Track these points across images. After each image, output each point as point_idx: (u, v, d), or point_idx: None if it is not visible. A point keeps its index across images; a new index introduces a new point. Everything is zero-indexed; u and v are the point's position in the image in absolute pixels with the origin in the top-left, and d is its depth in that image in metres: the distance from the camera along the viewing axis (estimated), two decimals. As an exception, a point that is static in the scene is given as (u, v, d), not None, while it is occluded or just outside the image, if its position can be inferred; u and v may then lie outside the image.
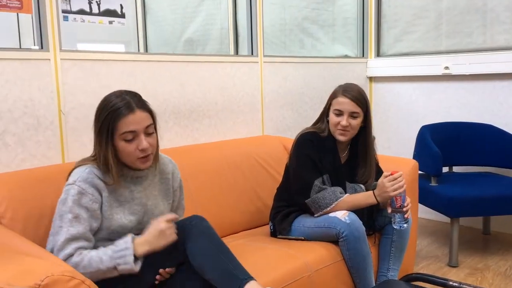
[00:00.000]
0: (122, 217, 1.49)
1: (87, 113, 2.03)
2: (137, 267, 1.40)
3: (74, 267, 1.34)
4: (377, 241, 2.19)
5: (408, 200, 1.96)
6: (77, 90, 2.05)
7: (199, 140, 2.56)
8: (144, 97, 1.52)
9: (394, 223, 1.95)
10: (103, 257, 1.37)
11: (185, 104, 2.49)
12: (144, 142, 1.45)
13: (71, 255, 1.37)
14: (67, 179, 1.50)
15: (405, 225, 1.95)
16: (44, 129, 1.95)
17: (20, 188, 1.68)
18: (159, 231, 1.43)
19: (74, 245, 1.38)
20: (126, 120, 1.42)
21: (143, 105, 1.47)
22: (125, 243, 1.40)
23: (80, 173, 1.45)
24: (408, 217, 1.97)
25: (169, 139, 2.42)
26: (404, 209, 1.93)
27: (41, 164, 1.95)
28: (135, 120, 1.43)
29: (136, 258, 1.40)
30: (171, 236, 1.43)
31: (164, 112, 2.40)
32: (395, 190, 1.92)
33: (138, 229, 1.54)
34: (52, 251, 1.38)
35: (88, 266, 1.36)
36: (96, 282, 1.29)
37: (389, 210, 1.96)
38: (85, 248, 1.41)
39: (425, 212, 3.61)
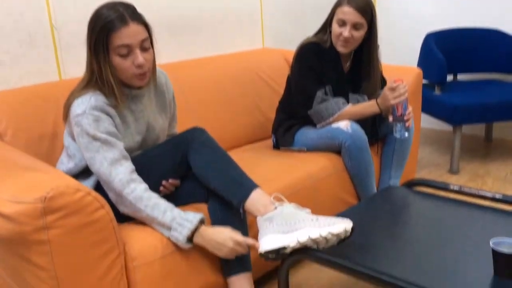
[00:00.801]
0: (131, 139, 1.47)
1: (81, 29, 1.96)
2: (186, 245, 1.36)
3: (137, 200, 1.33)
4: (379, 151, 2.21)
5: (409, 109, 1.94)
6: (68, 3, 1.96)
7: (196, 54, 2.49)
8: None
9: (395, 132, 1.94)
10: (169, 212, 1.34)
11: (181, 17, 2.40)
12: (140, 57, 1.38)
13: (131, 181, 1.34)
14: (65, 113, 1.43)
15: (406, 134, 1.95)
16: (38, 45, 1.90)
17: (20, 105, 1.66)
18: (227, 247, 1.36)
19: (122, 168, 1.34)
20: (120, 33, 1.34)
21: (137, 17, 1.39)
22: (195, 217, 1.35)
23: (86, 102, 1.36)
24: (410, 126, 1.96)
25: (165, 53, 2.36)
26: (405, 117, 1.91)
27: (39, 81, 1.92)
28: (129, 33, 1.36)
29: (189, 239, 1.36)
30: (227, 255, 1.38)
31: (159, 25, 2.31)
32: (395, 98, 1.89)
33: (141, 148, 1.53)
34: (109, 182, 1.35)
35: (150, 208, 1.33)
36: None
37: (390, 119, 1.95)
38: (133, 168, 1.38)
39: (428, 122, 3.60)
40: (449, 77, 3.25)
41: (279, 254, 1.31)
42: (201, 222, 1.37)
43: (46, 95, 1.73)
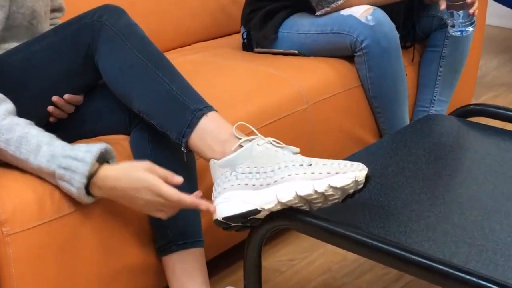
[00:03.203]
0: None
1: None
2: (85, 199, 1.35)
3: None
4: (417, 58, 2.22)
5: None
6: None
7: None
8: None
9: (453, 26, 1.95)
10: (44, 147, 1.32)
11: None
12: None
13: None
14: None
15: (470, 28, 1.95)
16: None
17: None
18: (142, 199, 1.33)
19: None
20: None
21: None
22: (89, 152, 1.32)
23: None
24: (475, 15, 1.96)
25: None
26: (468, 0, 1.89)
27: None
28: None
29: (88, 190, 1.34)
30: (147, 210, 1.37)
31: None
32: None
33: (7, 39, 1.51)
34: None
35: (14, 144, 1.31)
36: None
37: (443, 6, 1.96)
38: None
39: (497, 16, 3.59)
40: None
41: (247, 221, 1.32)
42: (101, 159, 1.35)
43: None
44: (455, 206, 1.35)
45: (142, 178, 1.32)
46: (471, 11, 1.92)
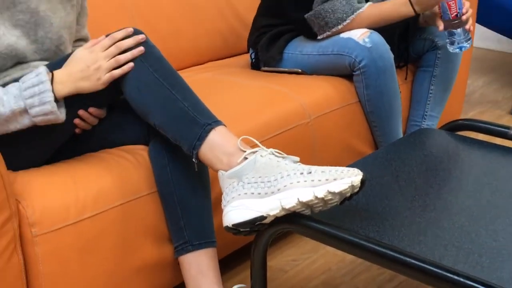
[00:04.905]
0: (6, 32, 1.43)
1: None
2: (61, 113, 1.38)
3: None
4: (410, 77, 2.21)
5: (467, 4, 1.91)
6: None
7: None
8: None
9: (452, 44, 1.94)
10: (4, 97, 1.34)
11: None
12: None
13: None
14: None
15: (468, 44, 1.93)
16: None
17: None
18: (83, 66, 1.38)
19: None
20: None
21: None
22: (37, 75, 1.35)
23: None
24: (472, 31, 1.94)
25: None
26: (464, 17, 1.88)
27: None
28: None
29: (57, 101, 1.36)
30: (99, 79, 1.39)
31: None
32: None
33: (38, 53, 1.51)
34: None
35: None
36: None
37: (441, 27, 1.94)
38: None
39: (483, 39, 3.59)
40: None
41: (254, 226, 1.31)
42: (48, 73, 1.39)
43: None
44: (444, 213, 1.35)
45: (80, 49, 1.42)
46: (467, 27, 1.91)
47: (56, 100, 1.36)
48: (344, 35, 1.97)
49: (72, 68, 1.40)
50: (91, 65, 1.39)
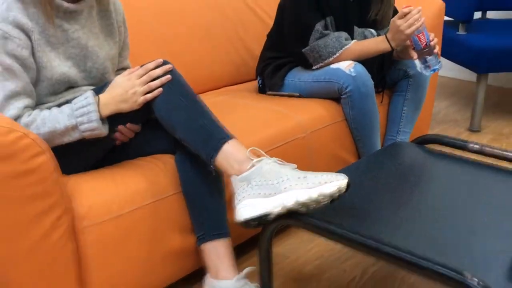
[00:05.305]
0: (60, 63, 1.43)
1: None
2: (105, 129, 1.39)
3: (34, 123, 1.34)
4: (386, 100, 2.21)
5: (432, 34, 1.92)
6: None
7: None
8: None
9: (427, 68, 1.94)
10: (60, 115, 1.35)
11: None
12: None
13: (18, 117, 1.33)
14: None
15: (438, 67, 1.94)
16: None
17: None
18: (122, 91, 1.40)
19: (18, 103, 1.33)
20: None
21: None
22: (86, 98, 1.37)
23: None
24: (439, 54, 1.94)
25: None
26: (432, 43, 1.90)
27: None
28: None
29: (101, 119, 1.38)
30: (135, 102, 1.40)
31: None
32: (410, 26, 1.86)
33: (86, 80, 1.51)
34: None
35: (42, 125, 1.33)
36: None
37: (415, 56, 1.94)
38: (31, 107, 1.37)
39: (447, 69, 3.59)
40: (477, 14, 3.20)
41: (261, 221, 1.32)
42: (94, 96, 1.40)
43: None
44: (415, 211, 1.35)
45: (119, 76, 1.44)
46: (435, 51, 1.93)
47: (101, 118, 1.38)
48: (334, 65, 1.97)
49: (113, 92, 1.41)
50: (129, 90, 1.40)
